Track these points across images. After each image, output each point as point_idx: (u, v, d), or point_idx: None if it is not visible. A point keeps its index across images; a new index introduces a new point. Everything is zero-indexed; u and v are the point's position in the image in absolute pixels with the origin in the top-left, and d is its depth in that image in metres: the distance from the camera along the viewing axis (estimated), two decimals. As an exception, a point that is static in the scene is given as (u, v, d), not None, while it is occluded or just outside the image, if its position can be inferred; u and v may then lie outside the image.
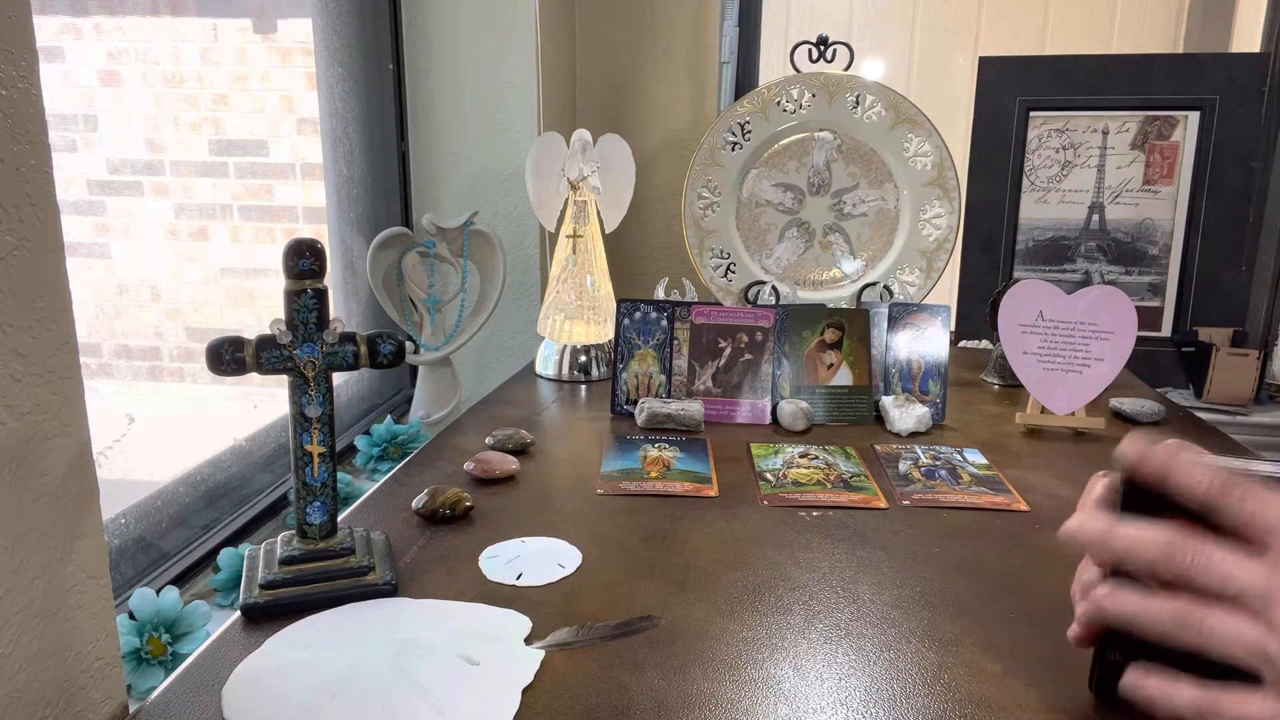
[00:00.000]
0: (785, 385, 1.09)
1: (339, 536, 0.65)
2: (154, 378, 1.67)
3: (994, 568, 0.70)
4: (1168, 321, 1.63)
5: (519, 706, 0.51)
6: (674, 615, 0.62)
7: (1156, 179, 1.61)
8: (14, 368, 0.46)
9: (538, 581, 0.66)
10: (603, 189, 1.27)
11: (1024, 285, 1.02)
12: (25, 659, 0.47)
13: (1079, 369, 1.01)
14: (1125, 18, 1.90)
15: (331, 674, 0.53)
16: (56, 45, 1.36)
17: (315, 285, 0.60)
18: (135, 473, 1.36)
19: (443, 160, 1.48)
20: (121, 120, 1.46)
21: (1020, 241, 1.65)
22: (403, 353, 0.64)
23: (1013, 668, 0.56)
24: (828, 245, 1.45)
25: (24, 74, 0.45)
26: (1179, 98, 1.58)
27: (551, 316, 1.26)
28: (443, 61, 1.44)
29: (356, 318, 1.41)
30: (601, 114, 1.72)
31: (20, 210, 0.45)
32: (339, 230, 1.37)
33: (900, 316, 1.11)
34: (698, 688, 0.53)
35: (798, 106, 1.40)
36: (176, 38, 1.47)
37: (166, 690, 0.53)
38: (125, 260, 1.60)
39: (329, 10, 1.31)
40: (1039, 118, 1.62)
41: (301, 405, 0.61)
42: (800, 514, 0.80)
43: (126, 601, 0.73)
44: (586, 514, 0.79)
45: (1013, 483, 0.88)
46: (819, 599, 0.65)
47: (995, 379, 1.27)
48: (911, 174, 1.40)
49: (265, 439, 1.15)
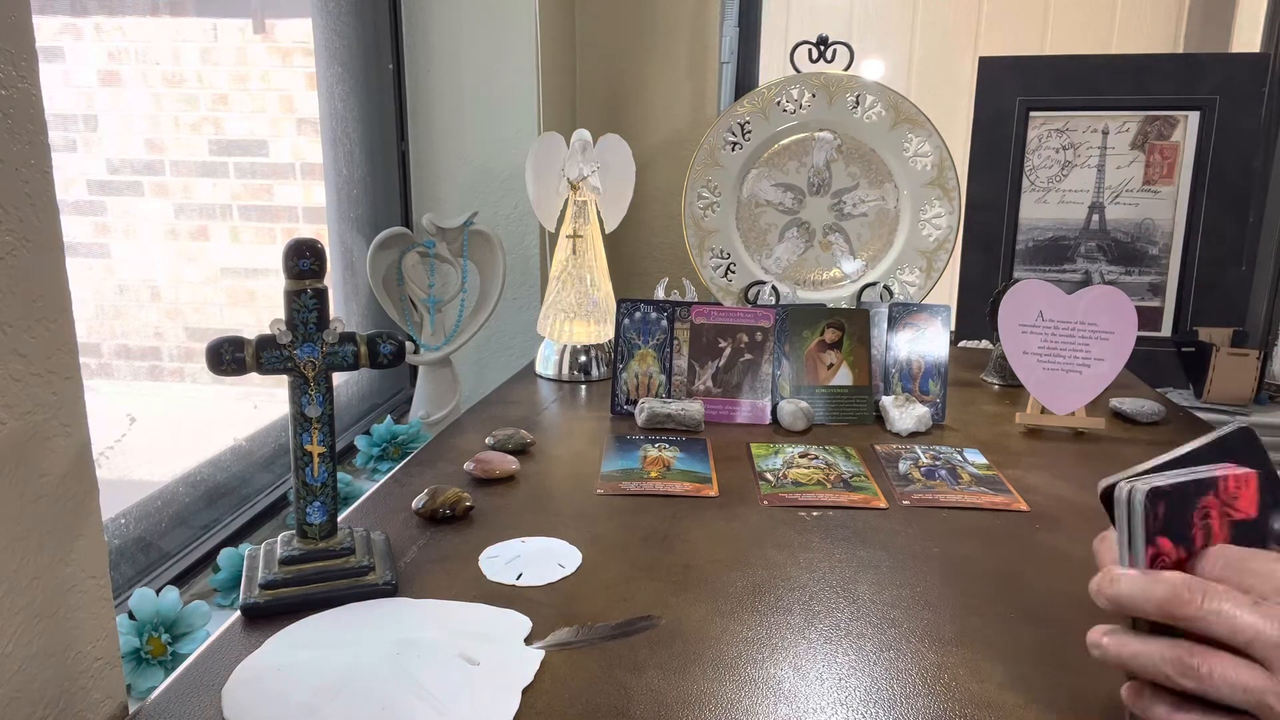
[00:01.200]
0: (785, 385, 1.09)
1: (339, 536, 0.65)
2: (154, 378, 1.67)
3: (994, 568, 0.70)
4: (1168, 321, 1.63)
5: (519, 706, 0.51)
6: (674, 615, 0.62)
7: (1156, 179, 1.61)
8: (14, 368, 0.46)
9: (538, 581, 0.66)
10: (603, 189, 1.27)
11: (1024, 285, 1.02)
12: (25, 659, 0.47)
13: (1079, 369, 1.01)
14: (1125, 18, 1.90)
15: (331, 674, 0.53)
16: (56, 45, 1.36)
17: (315, 285, 0.60)
18: (135, 473, 1.36)
19: (443, 160, 1.48)
20: (121, 120, 1.46)
21: (1020, 241, 1.65)
22: (403, 353, 0.64)
23: (1013, 668, 0.56)
24: (828, 245, 1.45)
25: (24, 74, 0.45)
26: (1179, 98, 1.58)
27: (551, 316, 1.26)
28: (443, 61, 1.44)
29: (356, 318, 1.41)
30: (601, 114, 1.72)
31: (20, 210, 0.45)
32: (339, 230, 1.37)
33: (900, 316, 1.11)
34: (698, 688, 0.53)
35: (798, 106, 1.40)
36: (176, 38, 1.47)
37: (166, 690, 0.53)
38: (125, 260, 1.60)
39: (329, 10, 1.31)
40: (1039, 118, 1.62)
41: (301, 405, 0.61)
42: (800, 514, 0.80)
43: (126, 601, 0.73)
44: (586, 514, 0.79)
45: (1013, 483, 0.88)
46: (819, 599, 0.65)
47: (995, 379, 1.27)
48: (911, 174, 1.40)
49: (265, 439, 1.15)
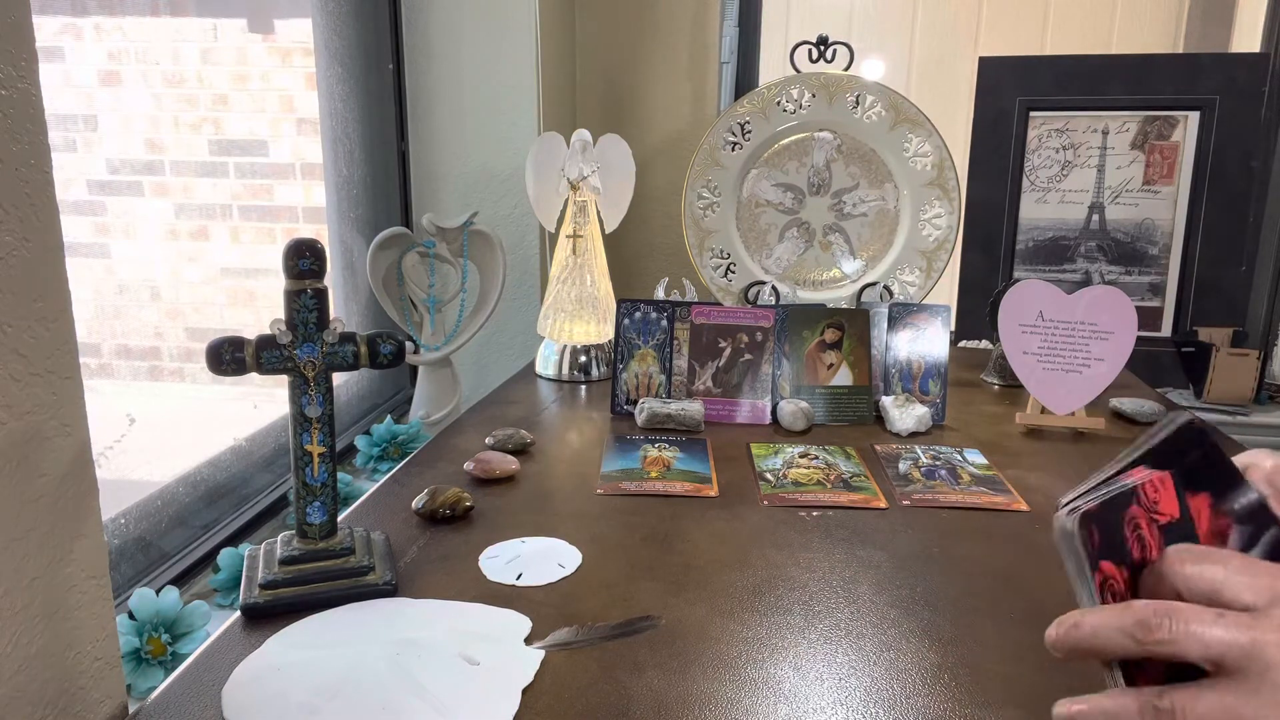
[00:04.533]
0: (785, 385, 1.09)
1: (339, 536, 0.65)
2: (154, 378, 1.67)
3: (994, 568, 0.70)
4: (1168, 321, 1.63)
5: (519, 706, 0.51)
6: (674, 615, 0.62)
7: (1156, 179, 1.61)
8: (14, 368, 0.46)
9: (538, 581, 0.66)
10: (603, 189, 1.27)
11: (1024, 285, 1.02)
12: (25, 659, 0.47)
13: (1079, 369, 1.01)
14: (1125, 18, 1.90)
15: (331, 674, 0.53)
16: (56, 45, 1.35)
17: (315, 285, 0.60)
18: (135, 473, 1.36)
19: (443, 160, 1.48)
20: (121, 120, 1.45)
21: (1020, 241, 1.65)
22: (403, 353, 0.64)
23: (1013, 668, 0.56)
24: (828, 245, 1.45)
25: (24, 74, 0.45)
26: (1179, 98, 1.58)
27: (551, 316, 1.26)
28: (443, 61, 1.44)
29: (356, 318, 1.41)
30: (601, 114, 1.72)
31: (20, 210, 0.45)
32: (339, 230, 1.37)
33: (900, 316, 1.11)
34: (698, 688, 0.53)
35: (798, 106, 1.40)
36: (176, 38, 1.47)
37: (166, 690, 0.53)
38: (125, 260, 1.60)
39: (329, 10, 1.31)
40: (1039, 118, 1.62)
41: (301, 405, 0.61)
42: (800, 514, 0.80)
43: (126, 601, 0.73)
44: (586, 514, 0.79)
45: (1013, 483, 0.88)
46: (819, 599, 0.65)
47: (995, 379, 1.27)
48: (911, 174, 1.40)
49: (265, 439, 1.15)
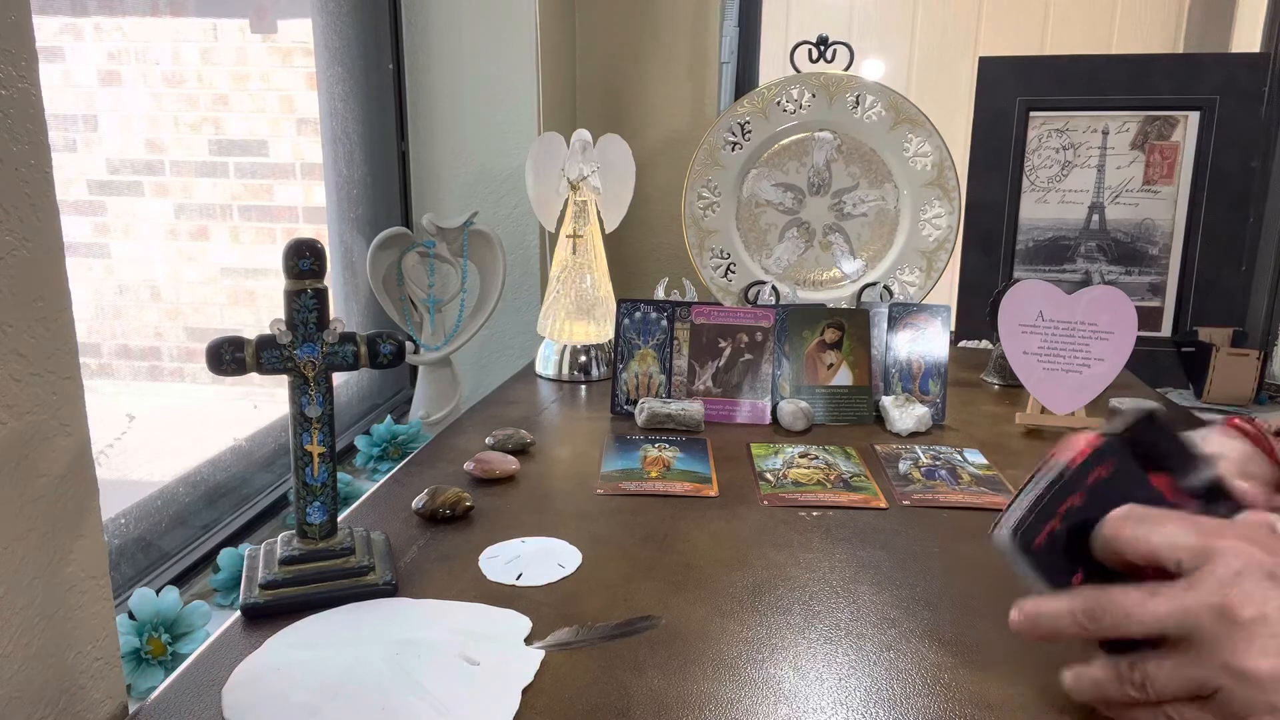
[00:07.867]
0: (785, 385, 1.09)
1: (339, 536, 0.65)
2: (154, 378, 1.67)
3: (994, 568, 0.70)
4: (1168, 321, 1.63)
5: (519, 706, 0.51)
6: (674, 615, 0.62)
7: (1156, 179, 1.61)
8: (14, 368, 0.46)
9: (538, 581, 0.66)
10: (603, 189, 1.27)
11: (1024, 285, 1.02)
12: (25, 659, 0.47)
13: (1079, 369, 1.01)
14: (1125, 18, 1.90)
15: (331, 674, 0.53)
16: (56, 45, 1.36)
17: (315, 285, 0.60)
18: (135, 473, 1.36)
19: (443, 160, 1.48)
20: (121, 120, 1.46)
21: (1020, 241, 1.65)
22: (403, 353, 0.64)
23: (1013, 668, 0.56)
24: (828, 245, 1.45)
25: (24, 74, 0.45)
26: (1179, 98, 1.58)
27: (551, 316, 1.26)
28: (443, 61, 1.44)
29: (356, 318, 1.41)
30: (601, 114, 1.72)
31: (20, 210, 0.45)
32: (339, 230, 1.37)
33: (900, 316, 1.11)
34: (698, 688, 0.53)
35: (798, 106, 1.40)
36: (176, 38, 1.47)
37: (166, 690, 0.53)
38: (125, 260, 1.60)
39: (329, 10, 1.31)
40: (1039, 118, 1.62)
41: (301, 405, 0.61)
42: (800, 514, 0.80)
43: (126, 601, 0.73)
44: (586, 514, 0.79)
45: (1013, 483, 0.88)
46: (819, 599, 0.65)
47: (995, 379, 1.27)
48: (911, 174, 1.40)
49: (265, 439, 1.15)
